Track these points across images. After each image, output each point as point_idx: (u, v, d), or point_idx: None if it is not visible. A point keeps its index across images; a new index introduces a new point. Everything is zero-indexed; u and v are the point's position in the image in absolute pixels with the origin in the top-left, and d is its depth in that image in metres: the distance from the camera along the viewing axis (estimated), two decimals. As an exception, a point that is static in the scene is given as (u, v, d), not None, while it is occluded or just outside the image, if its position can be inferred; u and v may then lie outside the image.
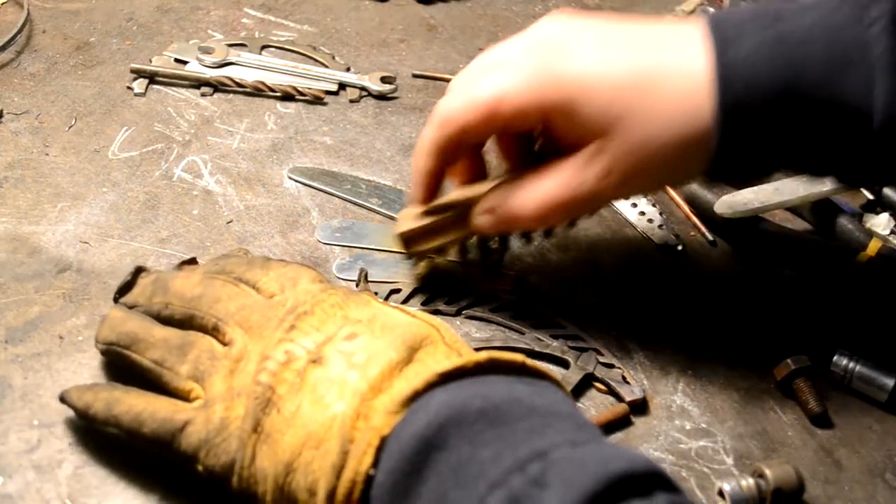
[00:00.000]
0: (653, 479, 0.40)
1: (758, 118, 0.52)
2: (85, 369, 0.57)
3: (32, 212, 0.69)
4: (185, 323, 0.53)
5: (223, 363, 0.50)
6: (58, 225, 0.68)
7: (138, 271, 0.58)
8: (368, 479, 0.44)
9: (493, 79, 0.56)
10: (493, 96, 0.56)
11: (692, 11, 1.01)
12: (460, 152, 0.61)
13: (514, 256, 0.70)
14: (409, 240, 0.64)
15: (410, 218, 0.64)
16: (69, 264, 0.65)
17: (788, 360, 0.62)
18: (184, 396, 0.50)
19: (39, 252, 0.65)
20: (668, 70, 0.53)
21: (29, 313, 0.61)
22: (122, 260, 0.65)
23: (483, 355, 0.46)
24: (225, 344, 0.51)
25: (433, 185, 0.62)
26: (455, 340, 0.50)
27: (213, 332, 0.52)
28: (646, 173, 0.55)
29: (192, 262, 0.61)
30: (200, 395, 0.50)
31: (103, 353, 0.55)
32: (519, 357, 0.48)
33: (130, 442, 0.50)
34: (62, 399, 0.52)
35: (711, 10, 1.01)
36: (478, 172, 0.64)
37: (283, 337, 0.49)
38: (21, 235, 0.67)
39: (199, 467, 0.48)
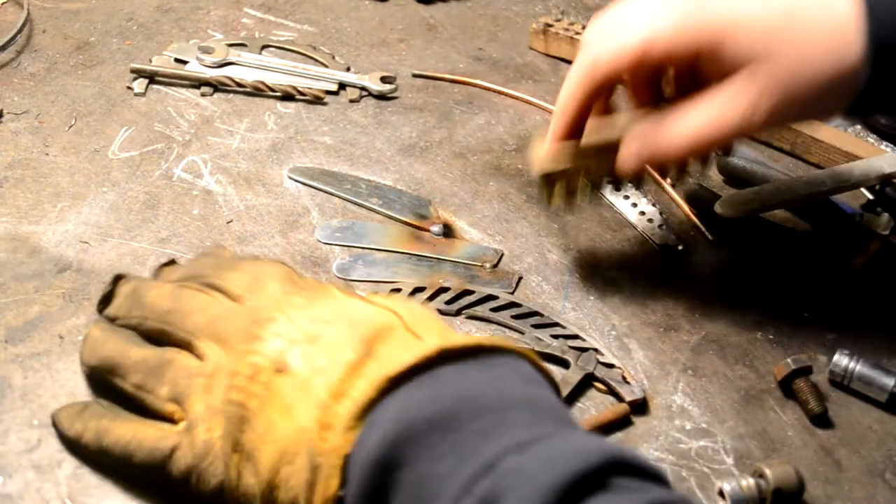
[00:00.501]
0: (610, 467, 0.39)
1: None
2: (85, 369, 0.57)
3: (32, 212, 0.69)
4: (161, 338, 0.53)
5: (199, 381, 0.49)
6: (58, 225, 0.68)
7: (117, 279, 0.57)
8: (340, 500, 0.43)
9: (643, 22, 0.59)
10: (645, 39, 0.58)
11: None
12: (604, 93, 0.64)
13: (514, 256, 0.70)
14: (549, 178, 0.65)
15: (549, 157, 0.65)
16: (69, 264, 0.65)
17: (788, 360, 0.62)
18: (168, 418, 0.50)
19: (39, 252, 0.65)
20: (815, 5, 0.56)
21: (29, 313, 0.61)
22: (121, 260, 0.65)
23: (433, 348, 0.45)
24: (200, 358, 0.50)
25: (577, 125, 0.64)
26: (418, 323, 0.48)
27: (187, 346, 0.51)
28: (792, 106, 0.57)
29: (171, 263, 0.60)
30: (183, 416, 0.49)
31: (88, 375, 0.55)
32: (472, 339, 0.47)
33: (124, 471, 0.50)
34: (54, 423, 0.52)
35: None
36: (608, 111, 0.66)
37: (247, 349, 0.48)
38: (21, 235, 0.67)
39: (191, 490, 0.48)
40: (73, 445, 0.51)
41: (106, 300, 0.57)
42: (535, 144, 0.66)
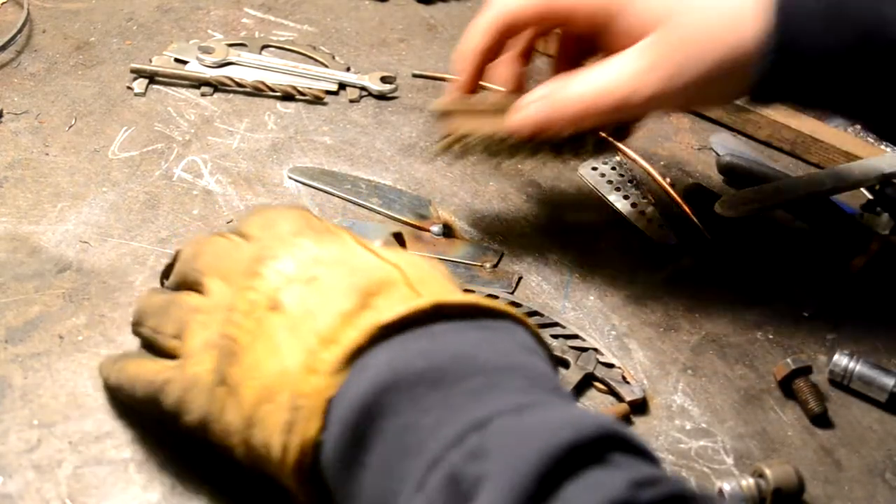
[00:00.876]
0: (604, 441, 0.38)
1: (811, 38, 0.55)
2: (85, 369, 0.57)
3: (32, 212, 0.69)
4: (181, 285, 0.54)
5: (199, 316, 0.50)
6: (58, 225, 0.68)
7: (177, 253, 0.57)
8: (318, 444, 0.43)
9: None
10: None
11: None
12: (506, 44, 0.66)
13: (514, 256, 0.70)
14: (444, 117, 0.66)
15: (447, 100, 0.67)
16: (69, 264, 0.65)
17: (788, 360, 0.62)
18: (172, 355, 0.51)
19: (39, 252, 0.65)
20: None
21: (29, 313, 0.61)
22: (122, 260, 0.65)
23: (428, 301, 0.44)
24: (205, 295, 0.51)
25: (479, 69, 0.66)
26: (421, 279, 0.48)
27: (196, 286, 0.52)
28: (684, 82, 0.57)
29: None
30: (182, 351, 0.50)
31: (135, 334, 0.56)
32: (471, 298, 0.46)
33: (141, 407, 0.52)
34: (100, 368, 0.55)
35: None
36: (521, 83, 0.68)
37: (246, 284, 0.48)
38: (21, 235, 0.67)
39: (181, 423, 0.48)
40: (106, 386, 0.55)
41: (167, 271, 0.57)
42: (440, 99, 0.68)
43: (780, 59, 0.55)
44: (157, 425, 0.52)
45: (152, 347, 0.53)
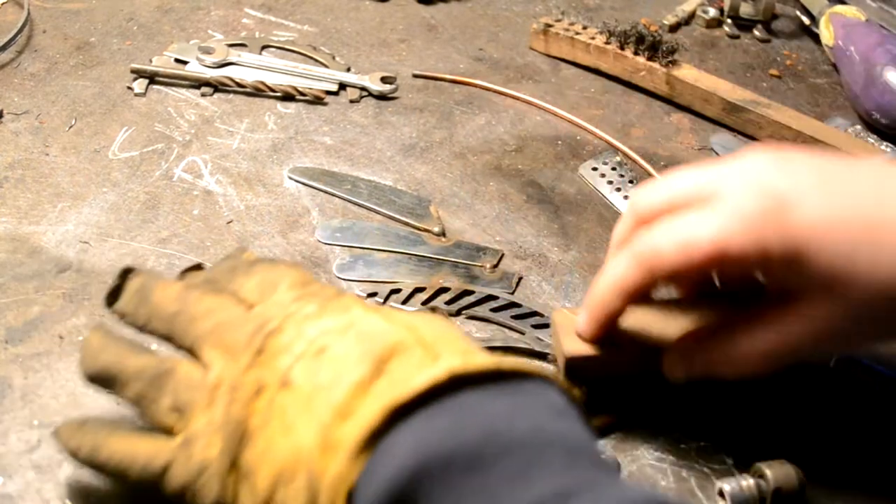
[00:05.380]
0: None
1: None
2: (85, 369, 0.57)
3: (32, 212, 0.69)
4: (166, 342, 0.50)
5: (200, 393, 0.47)
6: (58, 225, 0.68)
7: (125, 273, 0.53)
8: None
9: (713, 220, 0.50)
10: (716, 242, 0.49)
11: (692, 12, 1.01)
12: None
13: (514, 256, 0.70)
14: (574, 367, 0.57)
15: (577, 343, 0.57)
16: (69, 264, 0.65)
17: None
18: (168, 430, 0.47)
19: (39, 252, 0.65)
20: (890, 211, 0.50)
21: (29, 313, 0.61)
22: (122, 260, 0.65)
23: (448, 369, 0.41)
24: (204, 367, 0.48)
25: (612, 325, 0.56)
26: (435, 339, 0.45)
27: (191, 353, 0.49)
28: (871, 327, 0.52)
29: (198, 267, 0.57)
30: (183, 428, 0.47)
31: (90, 382, 0.51)
32: (494, 361, 0.43)
33: (123, 484, 0.49)
34: (55, 436, 0.50)
35: (711, 10, 1.01)
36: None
37: (251, 362, 0.46)
38: (21, 235, 0.67)
39: None
40: (73, 458, 0.49)
41: (114, 294, 0.53)
42: (560, 323, 0.58)
43: None
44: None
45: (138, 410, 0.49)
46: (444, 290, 0.66)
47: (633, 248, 0.52)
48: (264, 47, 0.89)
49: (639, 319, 0.57)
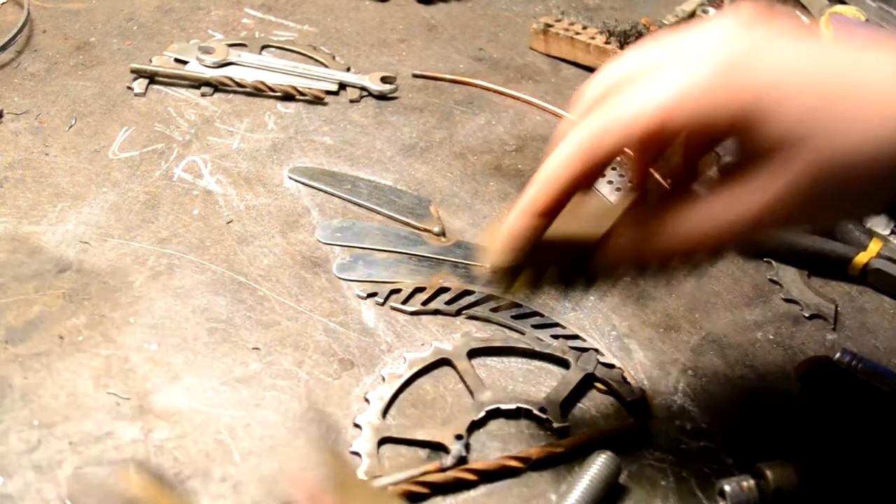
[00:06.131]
0: None
1: None
2: (85, 369, 0.57)
3: (32, 212, 0.69)
4: None
5: None
6: (58, 225, 0.68)
7: None
8: None
9: (659, 88, 0.45)
10: (662, 110, 0.45)
11: (692, 12, 1.01)
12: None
13: (515, 256, 0.70)
14: (509, 269, 0.52)
15: (509, 247, 0.51)
16: (69, 264, 0.65)
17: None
18: None
19: (39, 252, 0.65)
20: (868, 78, 0.45)
21: (29, 313, 0.61)
22: (122, 260, 0.65)
23: None
24: None
25: (563, 202, 0.50)
26: None
27: None
28: (833, 194, 0.47)
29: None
30: None
31: None
32: None
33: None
34: None
35: (711, 10, 1.01)
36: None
37: None
38: (21, 235, 0.67)
39: None
40: None
41: None
42: (495, 227, 0.54)
43: None
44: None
45: None
46: (444, 290, 0.66)
47: (575, 132, 0.48)
48: (264, 47, 0.89)
49: (576, 217, 0.51)
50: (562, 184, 0.49)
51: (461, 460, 0.55)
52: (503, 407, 0.58)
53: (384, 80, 0.85)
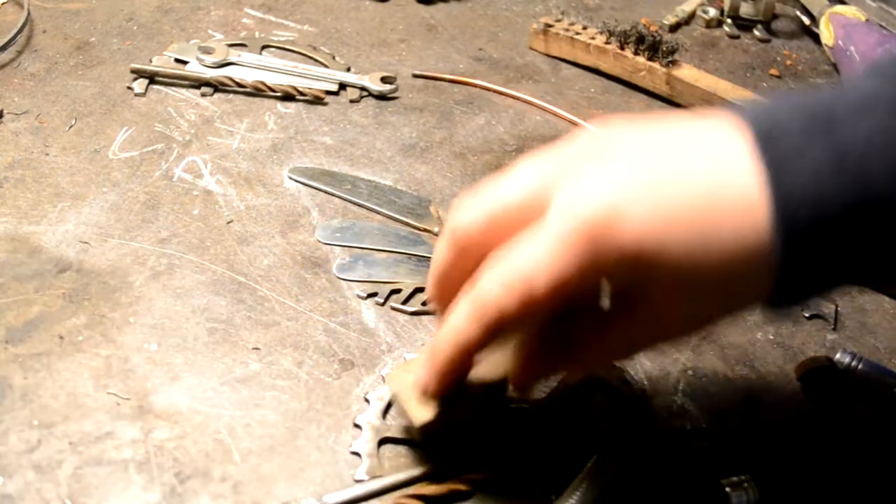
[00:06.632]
0: None
1: (822, 240, 0.46)
2: (85, 369, 0.57)
3: (32, 212, 0.69)
4: None
5: None
6: (58, 225, 0.68)
7: None
8: None
9: (544, 254, 0.46)
10: (554, 280, 0.46)
11: (692, 12, 1.01)
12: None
13: (515, 256, 0.70)
14: (431, 430, 0.54)
15: (422, 402, 0.53)
16: (69, 264, 0.65)
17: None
18: None
19: (39, 252, 0.65)
20: (720, 201, 0.46)
21: (29, 313, 0.61)
22: (122, 260, 0.65)
23: None
24: None
25: (459, 380, 0.52)
26: None
27: None
28: (703, 301, 0.48)
29: None
30: None
31: None
32: None
33: None
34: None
35: (711, 10, 1.01)
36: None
37: None
38: (21, 235, 0.67)
39: None
40: None
41: None
42: (399, 390, 0.54)
43: (788, 254, 0.46)
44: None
45: None
46: (444, 290, 0.66)
47: (470, 301, 0.48)
48: (264, 47, 0.89)
49: (482, 361, 0.53)
50: (455, 370, 0.51)
51: (461, 461, 0.55)
52: (503, 407, 0.58)
53: (384, 80, 0.85)
